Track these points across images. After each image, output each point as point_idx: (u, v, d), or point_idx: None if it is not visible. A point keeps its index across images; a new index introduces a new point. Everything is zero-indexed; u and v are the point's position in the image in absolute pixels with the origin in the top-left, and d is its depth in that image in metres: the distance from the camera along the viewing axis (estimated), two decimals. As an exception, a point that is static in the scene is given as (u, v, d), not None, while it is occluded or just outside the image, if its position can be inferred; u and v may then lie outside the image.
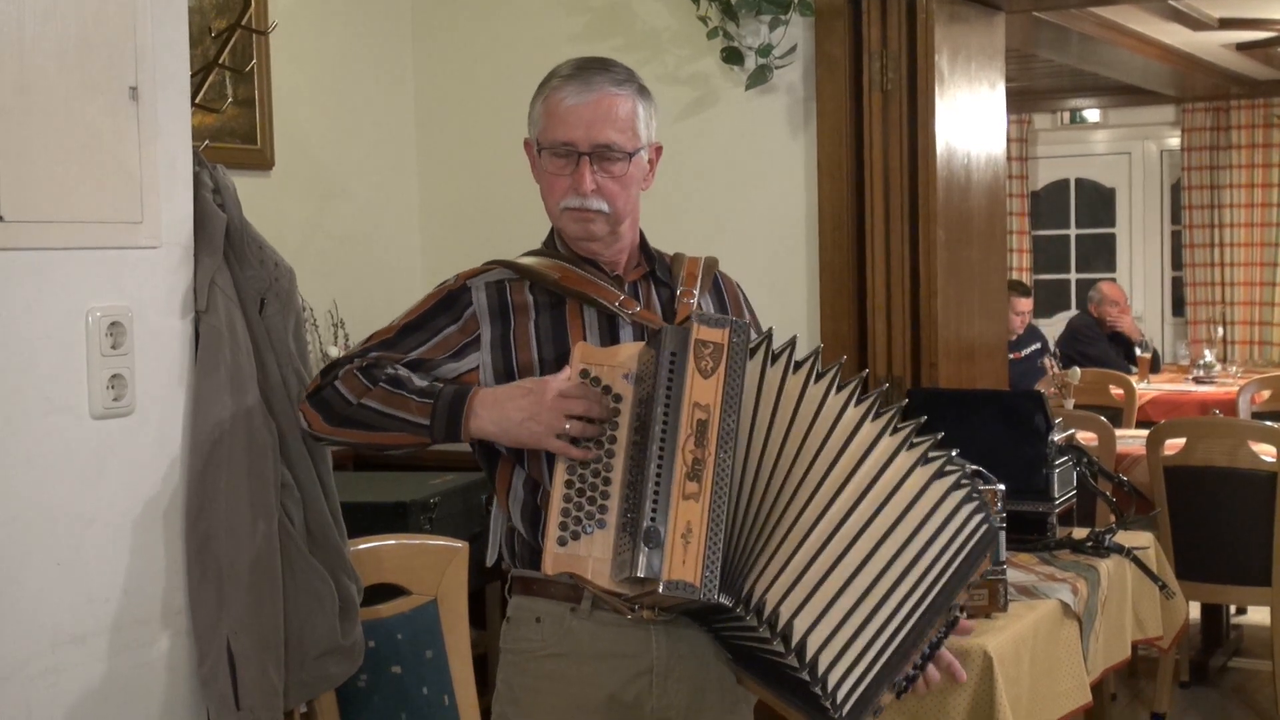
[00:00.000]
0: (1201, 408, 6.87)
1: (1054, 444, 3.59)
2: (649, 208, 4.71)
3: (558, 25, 4.57)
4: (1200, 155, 9.84)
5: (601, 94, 2.25)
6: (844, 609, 2.05)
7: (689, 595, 1.99)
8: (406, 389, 2.19)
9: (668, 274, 2.37)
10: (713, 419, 2.03)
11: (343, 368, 2.24)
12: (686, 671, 2.23)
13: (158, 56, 2.37)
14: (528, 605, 2.26)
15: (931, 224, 4.18)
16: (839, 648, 2.05)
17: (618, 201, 2.27)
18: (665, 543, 1.99)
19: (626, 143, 2.26)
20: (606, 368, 2.11)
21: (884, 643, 2.08)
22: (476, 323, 2.26)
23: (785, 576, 2.03)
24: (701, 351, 2.05)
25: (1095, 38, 6.88)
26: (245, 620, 2.36)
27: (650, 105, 2.32)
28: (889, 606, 2.08)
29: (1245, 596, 5.06)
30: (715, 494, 2.00)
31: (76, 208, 2.25)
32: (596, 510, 2.04)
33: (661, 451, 2.02)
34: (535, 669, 2.24)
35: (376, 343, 2.28)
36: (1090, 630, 3.25)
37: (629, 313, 2.24)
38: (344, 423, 2.21)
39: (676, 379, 2.04)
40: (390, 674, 2.74)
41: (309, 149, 4.50)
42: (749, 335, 2.09)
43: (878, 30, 4.18)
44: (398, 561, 2.79)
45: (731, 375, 2.05)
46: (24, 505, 2.18)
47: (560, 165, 2.26)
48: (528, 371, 2.22)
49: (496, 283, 2.28)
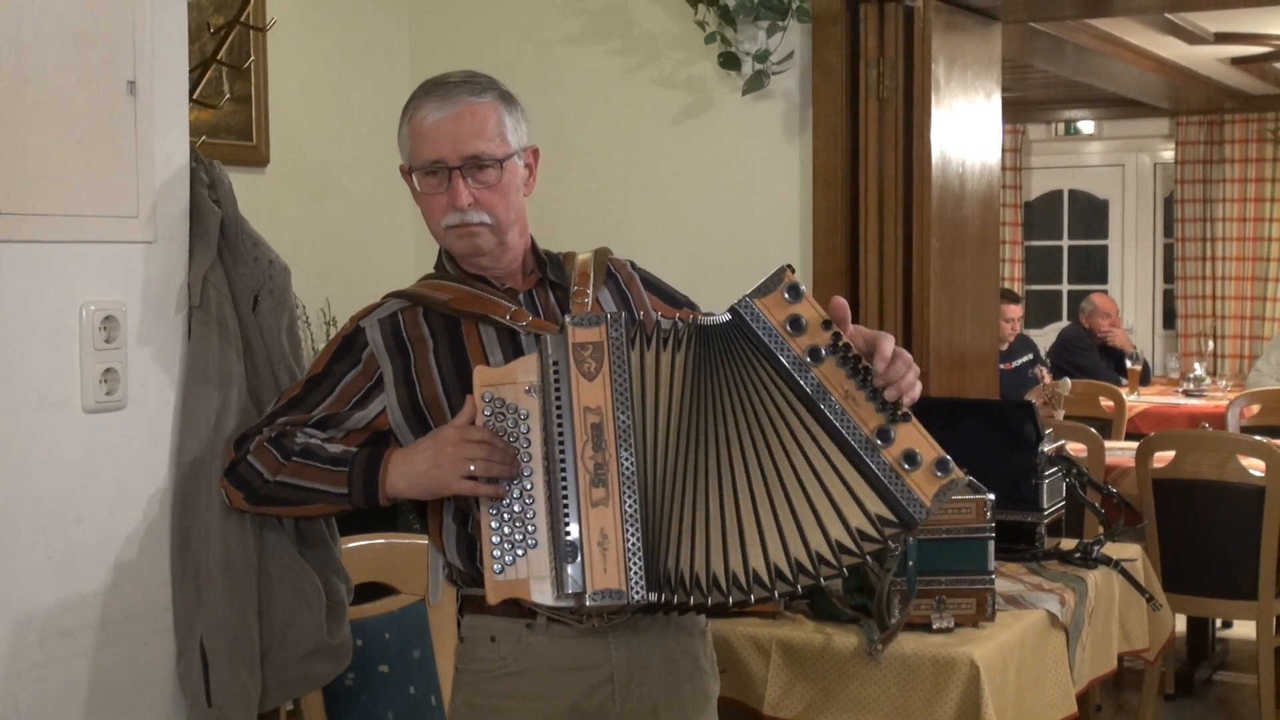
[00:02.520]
0: (1191, 421, 6.88)
1: (1043, 454, 3.60)
2: (642, 209, 4.72)
3: (555, 27, 4.57)
4: (1194, 169, 9.86)
5: (462, 105, 2.22)
6: (735, 517, 2.05)
7: (618, 601, 2.01)
8: (319, 459, 2.20)
9: (561, 275, 2.33)
10: (606, 420, 2.04)
11: (253, 440, 2.24)
12: (648, 676, 2.22)
13: (156, 51, 2.36)
14: (481, 624, 2.23)
15: (925, 232, 4.18)
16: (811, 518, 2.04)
17: (498, 211, 2.23)
18: (583, 554, 2.01)
19: (496, 150, 2.22)
20: (507, 386, 2.10)
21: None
22: (376, 362, 2.25)
23: (690, 539, 2.04)
24: (581, 354, 2.06)
25: (1091, 49, 6.89)
26: (218, 619, 2.35)
27: (516, 109, 2.28)
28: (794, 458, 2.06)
29: (1231, 610, 5.07)
30: (624, 494, 2.02)
31: (72, 201, 2.25)
32: (527, 531, 2.06)
33: (563, 463, 2.03)
34: (495, 688, 2.22)
35: (285, 402, 2.28)
36: (1077, 641, 3.25)
37: (524, 324, 2.21)
38: (264, 501, 2.24)
39: (563, 387, 2.05)
40: (378, 673, 2.73)
41: (304, 147, 4.50)
42: (625, 327, 2.08)
43: (875, 38, 4.18)
44: (387, 561, 2.79)
45: (616, 371, 2.06)
46: (14, 498, 2.18)
47: (434, 184, 2.23)
48: (434, 404, 2.21)
49: (389, 317, 2.27)
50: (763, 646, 3.01)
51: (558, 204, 4.32)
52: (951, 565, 2.96)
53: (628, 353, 2.07)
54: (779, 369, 2.04)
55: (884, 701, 2.90)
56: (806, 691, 2.96)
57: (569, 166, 4.49)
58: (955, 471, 2.03)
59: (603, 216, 4.46)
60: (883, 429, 2.03)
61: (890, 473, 2.03)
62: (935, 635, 2.94)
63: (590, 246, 2.44)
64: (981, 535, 3.03)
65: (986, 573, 3.03)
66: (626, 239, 4.41)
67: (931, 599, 2.98)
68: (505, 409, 2.09)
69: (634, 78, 4.47)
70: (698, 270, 4.34)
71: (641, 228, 4.49)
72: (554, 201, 4.22)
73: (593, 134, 4.51)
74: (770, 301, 2.04)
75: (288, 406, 2.27)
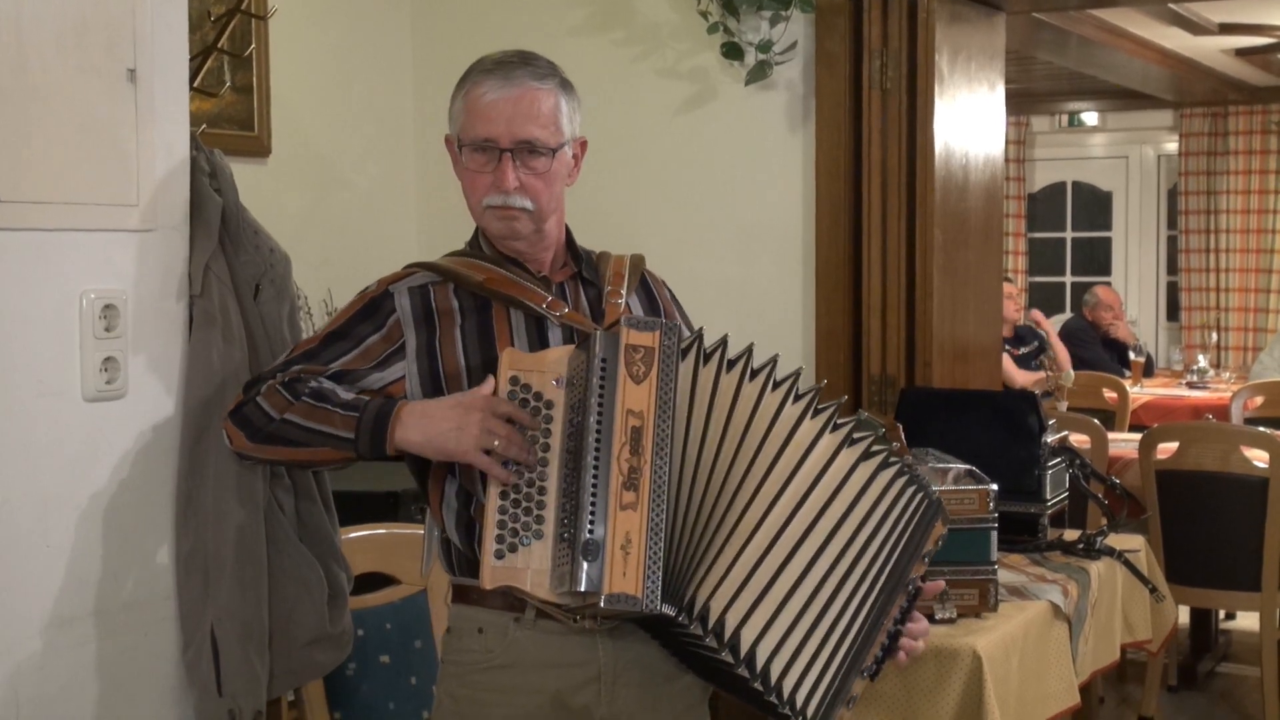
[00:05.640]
0: (1194, 413, 6.87)
1: (1047, 445, 3.59)
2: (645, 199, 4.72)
3: (558, 18, 4.56)
4: (1197, 160, 9.85)
5: (523, 89, 2.19)
6: (793, 613, 2.04)
7: (631, 607, 1.97)
8: (330, 402, 2.14)
9: (595, 273, 2.32)
10: (647, 426, 2.00)
11: (265, 383, 2.18)
12: (635, 676, 2.20)
13: (156, 39, 2.36)
14: (469, 615, 2.21)
15: (929, 224, 4.17)
16: (790, 652, 2.03)
17: (541, 199, 2.21)
18: (604, 555, 1.97)
19: (549, 138, 2.20)
20: (536, 373, 2.08)
21: (839, 637, 2.07)
22: (401, 330, 2.21)
23: (729, 583, 2.02)
24: (632, 357, 2.02)
25: (1095, 41, 6.88)
26: (229, 607, 2.35)
27: (573, 100, 2.27)
28: (839, 602, 2.06)
29: (1234, 602, 5.06)
30: (654, 503, 1.98)
31: (72, 189, 2.24)
32: (533, 521, 2.03)
33: (597, 462, 1.99)
34: (479, 680, 2.20)
35: (300, 353, 2.22)
36: (1079, 632, 3.25)
37: (556, 315, 2.20)
38: (267, 439, 2.16)
39: (608, 386, 2.01)
40: (379, 663, 2.73)
41: (306, 137, 4.49)
42: (680, 337, 2.05)
43: (878, 28, 4.17)
44: (388, 551, 2.79)
45: (664, 380, 2.02)
46: (15, 487, 2.18)
47: (481, 162, 2.21)
48: (454, 379, 2.18)
49: (420, 288, 2.24)
50: (765, 637, 3.00)
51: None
52: (954, 556, 2.95)
53: (677, 363, 2.04)
54: (908, 544, 2.15)
55: (886, 692, 2.89)
56: (808, 682, 2.96)
57: (571, 157, 4.47)
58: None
59: (605, 207, 4.45)
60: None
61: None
62: (938, 626, 2.94)
63: (592, 237, 2.43)
64: (984, 526, 3.03)
65: (989, 564, 3.03)
66: (629, 230, 4.41)
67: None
68: (530, 395, 2.06)
69: (637, 68, 4.46)
70: (700, 261, 4.34)
71: (644, 219, 4.48)
72: (556, 192, 4.21)
73: (596, 125, 4.47)
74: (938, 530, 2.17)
75: (303, 357, 2.21)
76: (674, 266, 2.49)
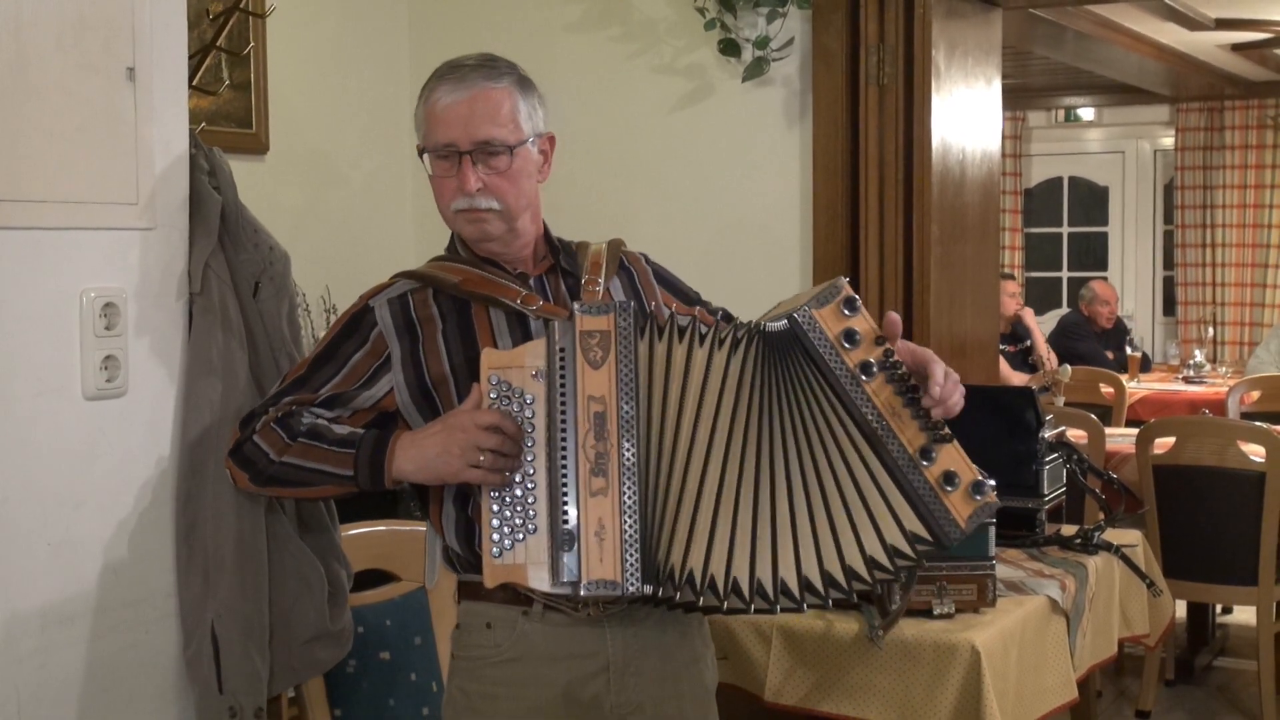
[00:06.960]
0: (1191, 407, 6.88)
1: (1044, 440, 3.60)
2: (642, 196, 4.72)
3: (554, 14, 4.56)
4: (1194, 155, 9.86)
5: (477, 89, 2.21)
6: (770, 522, 2.05)
7: (612, 592, 2.00)
8: (325, 440, 2.18)
9: (573, 263, 2.33)
10: (609, 409, 2.03)
11: (260, 419, 2.22)
12: (645, 666, 2.22)
13: (155, 37, 2.36)
14: (478, 610, 2.23)
15: (926, 219, 4.18)
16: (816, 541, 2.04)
17: (508, 197, 2.23)
18: (580, 543, 2.01)
19: (508, 136, 2.22)
20: (514, 369, 2.10)
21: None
22: (384, 342, 2.23)
23: (699, 537, 2.04)
24: (588, 342, 2.05)
25: (1091, 36, 6.88)
26: (229, 605, 2.35)
27: (533, 95, 2.28)
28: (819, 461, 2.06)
29: (1231, 596, 5.07)
30: (624, 485, 2.02)
31: (72, 188, 2.25)
32: (528, 516, 2.05)
33: (564, 451, 2.03)
34: (490, 675, 2.22)
35: (290, 382, 2.25)
36: (1077, 627, 3.26)
37: (532, 309, 2.21)
38: (269, 482, 2.21)
39: (568, 375, 2.04)
40: (379, 660, 2.74)
41: (304, 134, 4.49)
42: (634, 317, 2.07)
43: (875, 24, 4.17)
44: (388, 547, 2.79)
45: (623, 361, 2.05)
46: (15, 486, 2.18)
47: (445, 167, 2.23)
48: (441, 384, 2.20)
49: (399, 297, 2.26)
50: (763, 632, 3.01)
51: (556, 191, 4.28)
52: (952, 551, 2.95)
53: (636, 343, 2.06)
54: (830, 380, 2.04)
55: (885, 687, 2.90)
56: (807, 677, 2.97)
57: (568, 154, 4.47)
58: (990, 495, 2.05)
59: (602, 204, 4.46)
60: (925, 448, 2.04)
61: (930, 492, 2.04)
62: (936, 621, 2.94)
63: (589, 233, 2.44)
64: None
65: (987, 559, 3.04)
66: (626, 226, 4.40)
67: (932, 585, 2.98)
68: (511, 392, 2.08)
69: (633, 65, 4.46)
70: (698, 257, 4.34)
71: (641, 215, 4.48)
72: (553, 189, 4.19)
73: (592, 121, 4.50)
74: (827, 313, 2.04)
75: (293, 386, 2.25)
76: (671, 262, 2.49)
